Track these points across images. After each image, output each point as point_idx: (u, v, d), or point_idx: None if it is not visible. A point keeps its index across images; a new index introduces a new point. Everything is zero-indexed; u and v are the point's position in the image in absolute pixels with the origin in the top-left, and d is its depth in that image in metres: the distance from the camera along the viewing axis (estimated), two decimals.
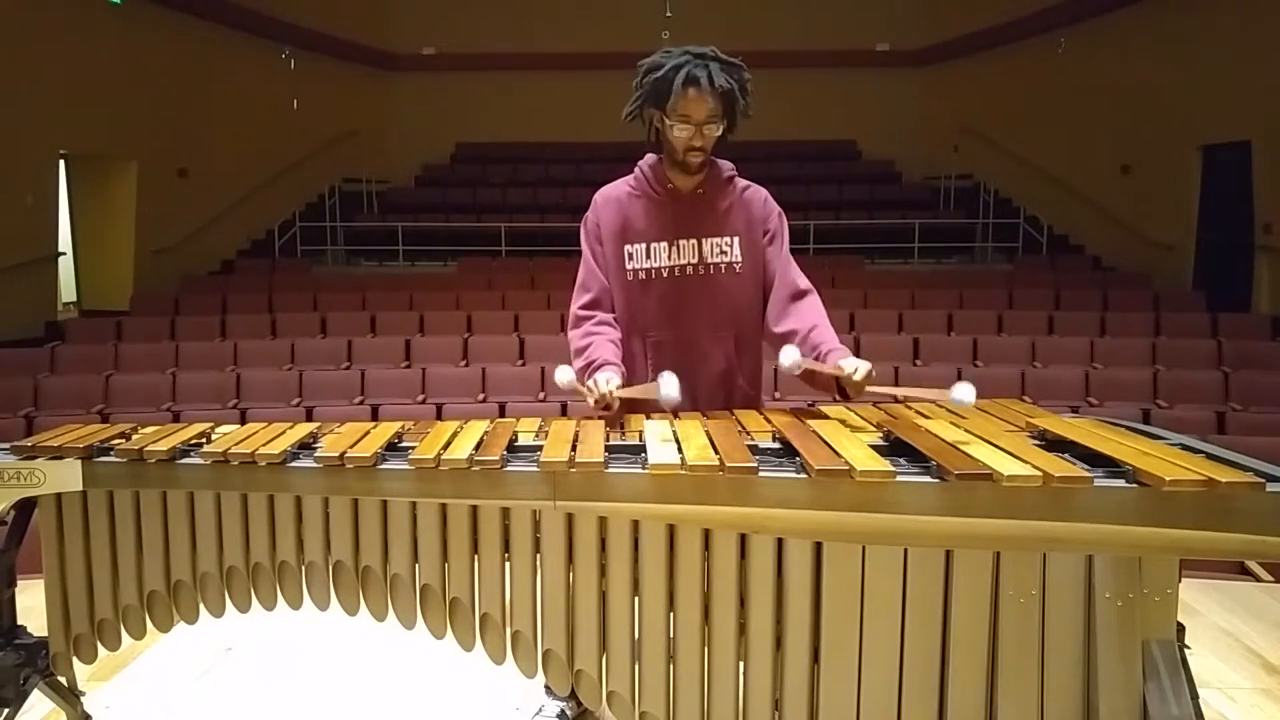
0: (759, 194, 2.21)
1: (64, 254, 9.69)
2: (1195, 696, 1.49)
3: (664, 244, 2.13)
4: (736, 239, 2.14)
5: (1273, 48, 8.03)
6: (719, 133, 2.05)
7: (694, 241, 2.13)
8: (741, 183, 2.20)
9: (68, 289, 10.39)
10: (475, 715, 2.44)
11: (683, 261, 2.13)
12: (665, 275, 2.13)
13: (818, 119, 13.54)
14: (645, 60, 2.06)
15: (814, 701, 1.58)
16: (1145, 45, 9.70)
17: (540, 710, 2.34)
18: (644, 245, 2.14)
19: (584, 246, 2.22)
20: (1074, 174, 10.94)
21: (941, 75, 13.35)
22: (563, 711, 2.32)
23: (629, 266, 2.14)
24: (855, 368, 1.92)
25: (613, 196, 2.19)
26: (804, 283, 2.17)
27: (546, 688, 2.34)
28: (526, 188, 12.95)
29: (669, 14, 11.76)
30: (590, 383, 1.99)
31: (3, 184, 8.19)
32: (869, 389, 1.94)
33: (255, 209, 11.61)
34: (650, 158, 2.19)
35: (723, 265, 2.14)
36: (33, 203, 8.63)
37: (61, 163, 9.50)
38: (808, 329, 2.09)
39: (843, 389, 1.98)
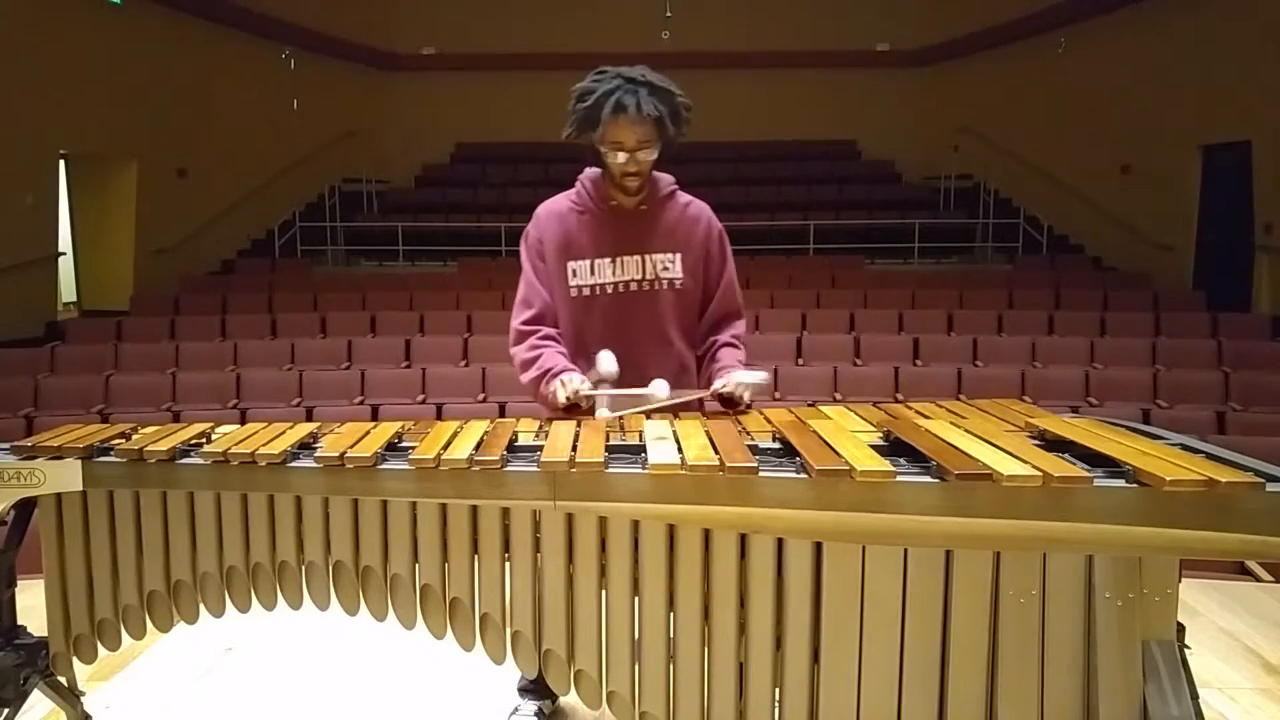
0: (702, 211, 2.20)
1: (64, 254, 9.69)
2: (1195, 696, 1.49)
3: (607, 260, 2.11)
4: (679, 255, 2.14)
5: (1273, 48, 8.03)
6: (654, 156, 2.04)
7: (638, 258, 2.12)
8: (683, 198, 2.19)
9: (68, 289, 10.39)
10: (475, 715, 2.44)
11: (626, 278, 2.12)
12: (609, 291, 2.11)
13: (818, 119, 13.52)
14: (577, 85, 2.03)
15: (814, 701, 1.58)
16: (1145, 45, 9.70)
17: (516, 710, 2.32)
18: (587, 262, 2.11)
19: (524, 261, 2.19)
20: (1074, 174, 10.94)
21: (941, 75, 13.35)
22: (539, 710, 2.30)
23: (572, 283, 2.12)
24: (725, 383, 2.04)
25: (555, 212, 2.16)
26: (735, 305, 2.25)
27: (520, 689, 2.32)
28: (526, 188, 12.90)
29: (669, 14, 11.74)
30: (555, 385, 2.00)
31: (3, 184, 8.20)
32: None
33: (255, 209, 11.61)
34: (592, 172, 2.15)
35: (665, 281, 2.13)
36: (33, 203, 8.63)
37: (61, 163, 9.50)
38: (718, 346, 2.20)
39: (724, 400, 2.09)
